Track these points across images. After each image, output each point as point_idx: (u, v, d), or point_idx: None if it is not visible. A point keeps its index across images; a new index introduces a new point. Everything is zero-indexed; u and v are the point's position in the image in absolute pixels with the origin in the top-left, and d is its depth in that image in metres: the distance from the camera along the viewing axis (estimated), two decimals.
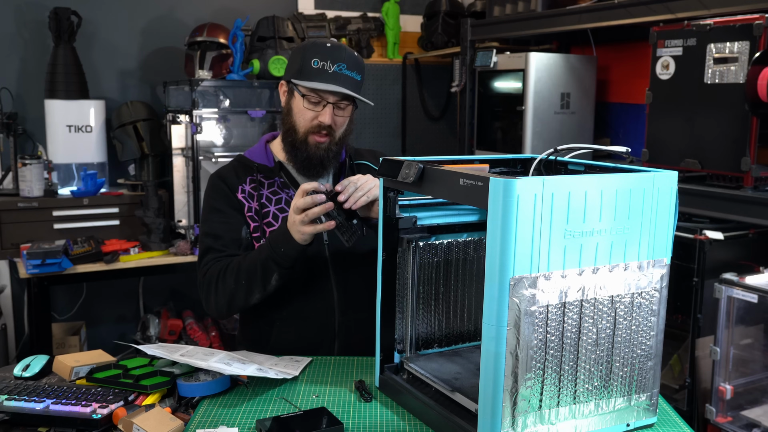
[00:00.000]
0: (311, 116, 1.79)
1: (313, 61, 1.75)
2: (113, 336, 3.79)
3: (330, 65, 1.75)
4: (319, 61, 1.75)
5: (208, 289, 1.79)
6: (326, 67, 1.75)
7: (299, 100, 1.79)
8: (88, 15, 3.59)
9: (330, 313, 1.81)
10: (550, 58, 3.24)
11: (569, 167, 1.43)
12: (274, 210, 1.83)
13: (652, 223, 1.25)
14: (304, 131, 1.80)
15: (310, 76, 1.75)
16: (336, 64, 1.75)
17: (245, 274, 1.71)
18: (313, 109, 1.78)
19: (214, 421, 1.37)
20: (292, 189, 1.85)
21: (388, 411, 1.41)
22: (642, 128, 2.93)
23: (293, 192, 1.84)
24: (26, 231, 3.25)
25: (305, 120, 1.79)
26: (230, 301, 1.75)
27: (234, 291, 1.73)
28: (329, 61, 1.75)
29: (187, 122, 3.41)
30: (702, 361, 2.32)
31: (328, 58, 1.75)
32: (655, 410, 1.34)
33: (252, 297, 1.73)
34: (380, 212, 1.43)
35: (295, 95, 1.80)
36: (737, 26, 2.23)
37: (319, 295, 1.81)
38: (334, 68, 1.75)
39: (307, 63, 1.76)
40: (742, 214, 2.28)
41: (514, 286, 1.12)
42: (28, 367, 1.61)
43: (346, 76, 1.77)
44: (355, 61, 1.79)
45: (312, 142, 1.80)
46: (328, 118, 1.78)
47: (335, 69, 1.75)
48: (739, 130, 2.26)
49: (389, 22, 4.20)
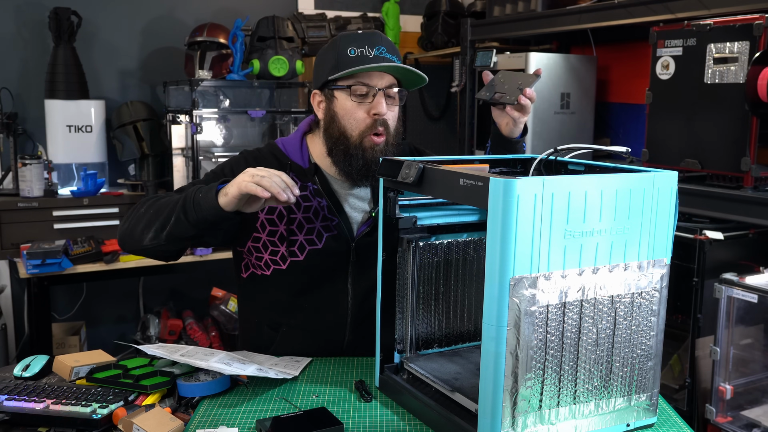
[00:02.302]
0: (363, 112, 1.60)
1: (350, 50, 1.59)
2: (113, 336, 3.79)
3: (369, 50, 1.58)
4: (356, 49, 1.58)
5: (130, 209, 1.66)
6: (366, 53, 1.58)
7: (344, 99, 1.61)
8: (88, 15, 3.59)
9: (341, 328, 1.73)
10: (550, 58, 3.24)
11: (569, 167, 1.43)
12: (301, 218, 1.67)
13: (652, 223, 1.25)
14: (358, 133, 1.61)
15: (351, 65, 1.57)
16: (375, 48, 1.59)
17: (158, 205, 1.56)
18: (363, 102, 1.60)
19: (214, 421, 1.36)
20: (326, 199, 1.67)
21: (388, 411, 1.41)
22: (642, 128, 2.93)
23: (326, 202, 1.67)
24: (26, 231, 3.25)
25: (357, 120, 1.60)
26: (130, 228, 1.59)
27: (137, 219, 1.58)
28: (367, 47, 1.59)
29: (187, 122, 3.41)
30: (702, 361, 2.32)
31: (365, 43, 1.59)
32: (655, 410, 1.34)
33: (146, 234, 1.55)
34: (380, 212, 1.43)
35: (336, 97, 1.62)
36: (737, 26, 2.23)
37: (333, 310, 1.72)
38: (374, 52, 1.58)
39: (343, 55, 1.59)
40: (742, 214, 2.28)
41: (514, 286, 1.12)
42: (28, 367, 1.61)
43: (388, 59, 1.60)
44: (392, 46, 1.64)
45: (368, 144, 1.61)
46: (383, 106, 1.59)
47: (375, 53, 1.58)
48: (739, 130, 2.26)
49: (389, 22, 4.20)
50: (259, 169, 1.49)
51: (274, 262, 1.71)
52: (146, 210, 1.58)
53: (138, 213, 1.60)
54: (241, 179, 1.47)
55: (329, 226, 1.69)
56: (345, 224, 1.70)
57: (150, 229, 1.55)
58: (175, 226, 1.53)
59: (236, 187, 1.46)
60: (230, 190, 1.47)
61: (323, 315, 1.73)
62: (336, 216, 1.69)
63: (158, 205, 1.58)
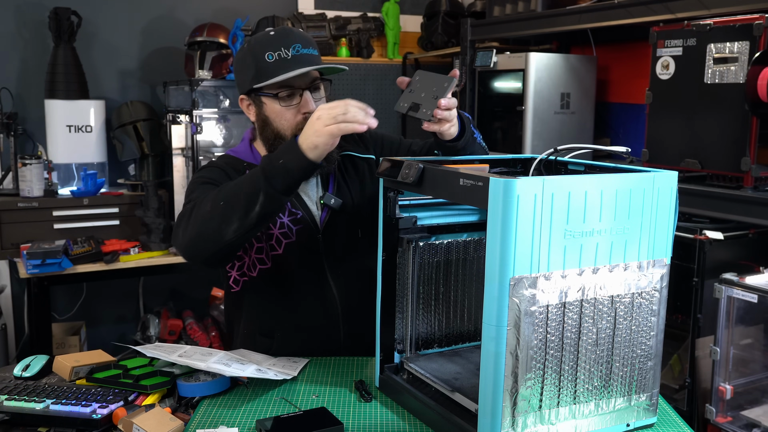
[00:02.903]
0: (293, 113, 1.64)
1: (267, 55, 1.60)
2: (113, 336, 3.79)
3: (285, 52, 1.60)
4: (272, 53, 1.60)
5: (180, 220, 1.53)
6: (283, 55, 1.60)
7: (272, 103, 1.65)
8: (88, 15, 3.59)
9: (334, 323, 1.74)
10: (550, 58, 3.24)
11: (569, 167, 1.43)
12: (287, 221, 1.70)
13: (652, 223, 1.25)
14: (292, 133, 1.64)
15: (272, 72, 1.60)
16: (291, 47, 1.61)
17: (225, 195, 1.47)
18: (291, 104, 1.64)
19: (214, 421, 1.36)
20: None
21: (388, 411, 1.41)
22: (642, 128, 2.93)
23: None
24: (26, 231, 3.25)
25: (288, 120, 1.64)
26: (200, 231, 1.47)
27: (208, 218, 1.46)
28: (282, 48, 1.60)
29: (187, 122, 3.41)
30: (702, 361, 2.32)
31: (279, 45, 1.61)
32: (655, 410, 1.34)
33: (228, 227, 1.45)
34: (380, 212, 1.43)
35: (264, 102, 1.66)
36: (737, 26, 2.23)
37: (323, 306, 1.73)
38: (291, 53, 1.60)
39: (261, 61, 1.61)
40: (742, 214, 2.28)
41: (514, 286, 1.12)
42: (28, 367, 1.61)
43: (306, 55, 1.62)
44: (306, 39, 1.65)
45: None
46: (311, 104, 1.63)
47: (293, 53, 1.61)
48: (739, 130, 2.26)
49: (389, 22, 4.20)
50: (330, 107, 1.43)
51: (260, 261, 1.72)
52: (212, 207, 1.47)
53: (200, 214, 1.48)
54: (321, 127, 1.41)
55: (296, 220, 1.72)
56: (308, 216, 1.73)
57: (231, 221, 1.45)
58: (268, 203, 1.45)
59: (326, 136, 1.41)
60: (318, 141, 1.41)
61: (314, 312, 1.74)
62: (299, 209, 1.72)
63: (223, 197, 1.47)
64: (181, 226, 1.52)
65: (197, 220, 1.48)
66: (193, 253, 1.53)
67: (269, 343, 1.75)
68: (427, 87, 1.45)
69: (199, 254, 1.53)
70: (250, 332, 1.78)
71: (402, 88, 1.50)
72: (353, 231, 1.76)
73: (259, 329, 1.76)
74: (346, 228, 1.75)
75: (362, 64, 4.10)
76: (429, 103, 1.43)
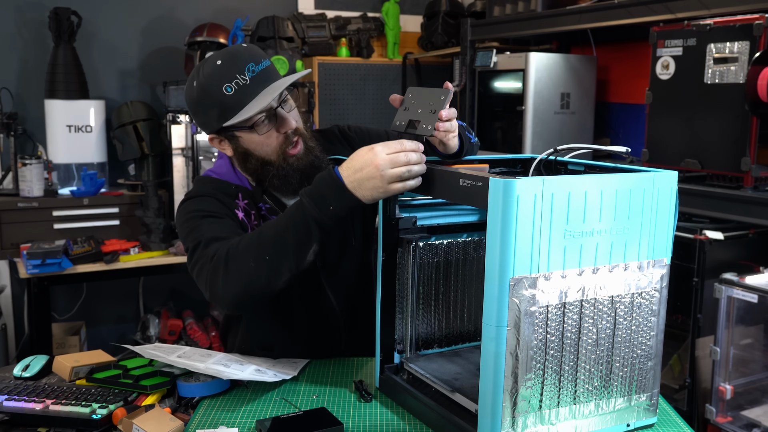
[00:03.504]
0: (273, 137, 1.54)
1: (224, 88, 1.47)
2: (113, 336, 3.80)
3: (242, 78, 1.48)
4: (230, 85, 1.48)
5: (215, 271, 1.41)
6: (241, 83, 1.48)
7: (248, 137, 1.54)
8: (88, 15, 3.59)
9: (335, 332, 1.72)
10: (550, 58, 3.24)
11: (569, 167, 1.43)
12: None
13: (652, 223, 1.25)
14: (278, 155, 1.55)
15: (237, 105, 1.49)
16: (246, 71, 1.49)
17: (271, 247, 1.37)
18: (269, 127, 1.54)
19: (213, 422, 1.36)
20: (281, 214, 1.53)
21: (388, 411, 1.41)
22: (642, 128, 2.93)
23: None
24: (26, 231, 3.25)
25: (271, 146, 1.55)
26: (248, 287, 1.39)
27: (254, 274, 1.38)
28: (238, 75, 1.48)
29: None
30: (702, 361, 2.32)
31: (234, 73, 1.48)
32: (655, 410, 1.34)
33: (278, 279, 1.39)
34: (380, 212, 1.43)
35: (239, 136, 1.54)
36: (737, 26, 2.23)
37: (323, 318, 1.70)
38: (248, 76, 1.49)
39: (221, 97, 1.48)
40: (742, 214, 2.28)
41: (514, 286, 1.12)
42: (28, 367, 1.61)
43: (263, 72, 1.51)
44: (254, 53, 1.53)
45: (292, 159, 1.56)
46: (290, 122, 1.54)
47: (250, 76, 1.49)
48: (739, 130, 2.26)
49: (389, 22, 4.20)
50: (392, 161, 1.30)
51: None
52: (257, 262, 1.38)
53: (243, 269, 1.38)
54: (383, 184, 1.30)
55: None
56: None
57: (282, 274, 1.39)
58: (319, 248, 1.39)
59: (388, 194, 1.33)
60: (377, 196, 1.33)
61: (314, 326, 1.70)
62: None
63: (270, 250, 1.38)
64: (219, 280, 1.40)
65: (242, 276, 1.38)
66: (238, 307, 1.48)
67: (270, 355, 1.71)
68: (423, 102, 1.38)
69: (244, 307, 1.49)
70: (249, 347, 1.74)
71: (395, 106, 1.42)
72: (346, 240, 1.71)
73: (257, 344, 1.73)
74: (339, 238, 1.70)
75: (362, 64, 4.10)
76: (428, 118, 1.36)
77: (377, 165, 1.29)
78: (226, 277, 1.39)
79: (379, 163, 1.29)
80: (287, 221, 1.38)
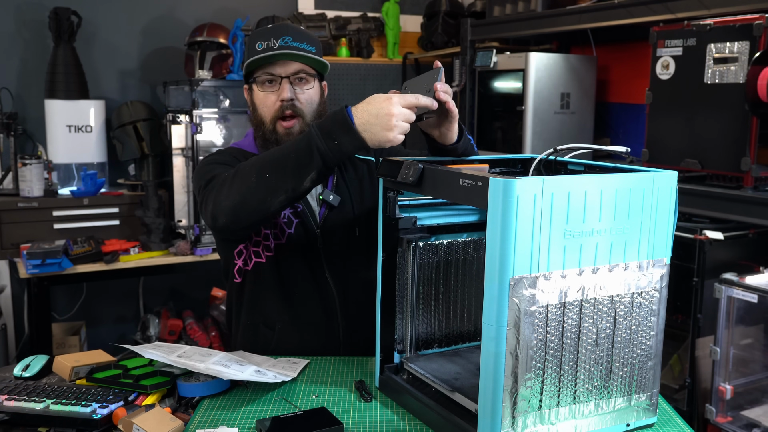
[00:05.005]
0: (272, 100, 1.68)
1: (257, 44, 1.67)
2: (113, 336, 3.80)
3: (274, 42, 1.65)
4: (263, 42, 1.66)
5: (221, 186, 1.51)
6: (270, 45, 1.65)
7: (257, 90, 1.70)
8: (88, 15, 3.59)
9: (333, 318, 1.75)
10: (550, 58, 3.24)
11: (569, 167, 1.43)
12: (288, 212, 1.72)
13: (651, 223, 1.25)
14: (270, 119, 1.68)
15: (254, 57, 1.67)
16: (280, 39, 1.66)
17: (272, 166, 1.44)
18: (270, 90, 1.68)
19: (214, 421, 1.36)
20: None
21: (388, 411, 1.41)
22: (642, 128, 2.93)
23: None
24: (26, 231, 3.25)
25: (267, 106, 1.68)
26: (245, 200, 1.46)
27: (254, 188, 1.45)
28: (272, 39, 1.66)
29: (187, 122, 3.41)
30: (702, 361, 2.32)
31: (270, 36, 1.66)
32: (655, 410, 1.34)
33: (274, 198, 1.45)
34: (380, 212, 1.43)
35: (253, 88, 1.72)
36: (737, 26, 2.23)
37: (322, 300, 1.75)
38: (278, 43, 1.65)
39: (252, 49, 1.68)
40: (742, 214, 2.28)
41: (513, 286, 1.12)
42: (28, 367, 1.61)
43: (293, 47, 1.66)
44: (302, 34, 1.69)
45: (281, 130, 1.68)
46: (287, 92, 1.66)
47: (280, 43, 1.65)
48: (739, 130, 2.26)
49: (389, 22, 4.20)
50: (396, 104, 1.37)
51: (266, 249, 1.74)
52: (258, 178, 1.45)
53: (245, 183, 1.46)
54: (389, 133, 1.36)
55: (296, 212, 1.73)
56: (308, 210, 1.74)
57: (278, 193, 1.44)
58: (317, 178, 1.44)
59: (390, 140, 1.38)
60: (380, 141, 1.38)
61: (313, 307, 1.75)
62: (300, 202, 1.73)
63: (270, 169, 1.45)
64: (222, 193, 1.49)
65: (241, 189, 1.46)
66: (233, 219, 1.50)
67: (270, 335, 1.76)
68: (419, 87, 1.45)
69: (239, 221, 1.51)
70: (253, 323, 1.79)
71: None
72: (351, 229, 1.77)
73: (261, 320, 1.78)
74: (344, 226, 1.76)
75: (362, 64, 4.10)
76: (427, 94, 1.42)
77: (391, 113, 1.36)
78: (229, 190, 1.48)
79: (394, 112, 1.36)
80: (293, 145, 1.45)
